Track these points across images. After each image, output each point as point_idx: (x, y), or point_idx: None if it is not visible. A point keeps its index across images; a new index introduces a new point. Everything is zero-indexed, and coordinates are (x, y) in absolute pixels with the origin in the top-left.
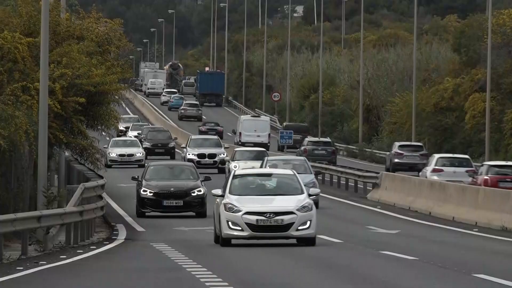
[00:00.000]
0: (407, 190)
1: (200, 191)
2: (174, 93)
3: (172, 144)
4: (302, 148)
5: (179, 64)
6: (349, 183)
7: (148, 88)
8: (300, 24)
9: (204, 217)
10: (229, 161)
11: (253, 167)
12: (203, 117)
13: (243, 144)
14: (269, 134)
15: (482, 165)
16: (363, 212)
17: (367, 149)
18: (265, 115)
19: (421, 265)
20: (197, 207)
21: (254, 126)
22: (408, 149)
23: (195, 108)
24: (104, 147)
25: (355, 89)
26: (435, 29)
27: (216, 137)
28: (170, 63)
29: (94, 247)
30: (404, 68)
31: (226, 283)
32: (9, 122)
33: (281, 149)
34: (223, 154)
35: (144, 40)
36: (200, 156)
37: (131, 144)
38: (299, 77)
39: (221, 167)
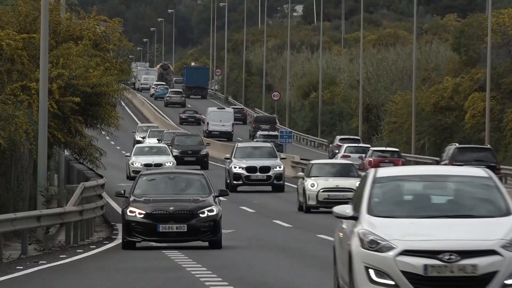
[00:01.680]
0: None
1: (212, 211)
2: (162, 85)
3: (204, 151)
4: (255, 140)
5: (169, 65)
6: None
7: (141, 84)
8: (300, 24)
9: (218, 248)
10: (303, 178)
11: (337, 186)
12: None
13: (210, 133)
14: (233, 124)
15: (368, 150)
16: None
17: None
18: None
19: None
20: (207, 234)
21: (220, 116)
22: (347, 142)
23: (178, 95)
24: (127, 155)
25: (354, 89)
26: (435, 29)
27: (269, 144)
28: (161, 64)
29: (94, 246)
30: (403, 67)
31: (226, 283)
32: (9, 121)
33: (252, 137)
34: (279, 167)
35: (144, 40)
36: (250, 169)
37: (159, 151)
38: (299, 77)
39: (276, 184)
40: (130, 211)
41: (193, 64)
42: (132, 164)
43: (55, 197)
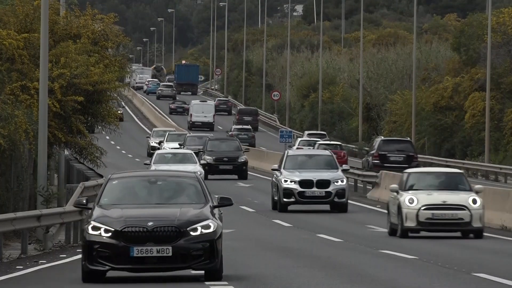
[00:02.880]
0: None
1: (207, 227)
2: (153, 81)
3: (242, 158)
4: (230, 133)
5: (162, 66)
6: (349, 182)
7: (136, 83)
8: (300, 23)
9: (218, 280)
10: (396, 192)
11: (444, 202)
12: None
13: (194, 124)
14: (214, 115)
15: (316, 144)
16: (363, 211)
17: (366, 148)
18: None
19: (420, 264)
20: (201, 260)
21: (202, 109)
22: (315, 137)
23: (169, 88)
24: (146, 163)
25: (354, 88)
26: (435, 28)
27: (328, 152)
28: (154, 66)
29: None
30: (403, 67)
31: (226, 282)
32: (9, 121)
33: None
34: (342, 181)
35: (144, 40)
36: (305, 184)
37: (183, 158)
38: (298, 76)
39: (337, 202)
40: (93, 228)
41: (184, 62)
42: None
43: (53, 196)
